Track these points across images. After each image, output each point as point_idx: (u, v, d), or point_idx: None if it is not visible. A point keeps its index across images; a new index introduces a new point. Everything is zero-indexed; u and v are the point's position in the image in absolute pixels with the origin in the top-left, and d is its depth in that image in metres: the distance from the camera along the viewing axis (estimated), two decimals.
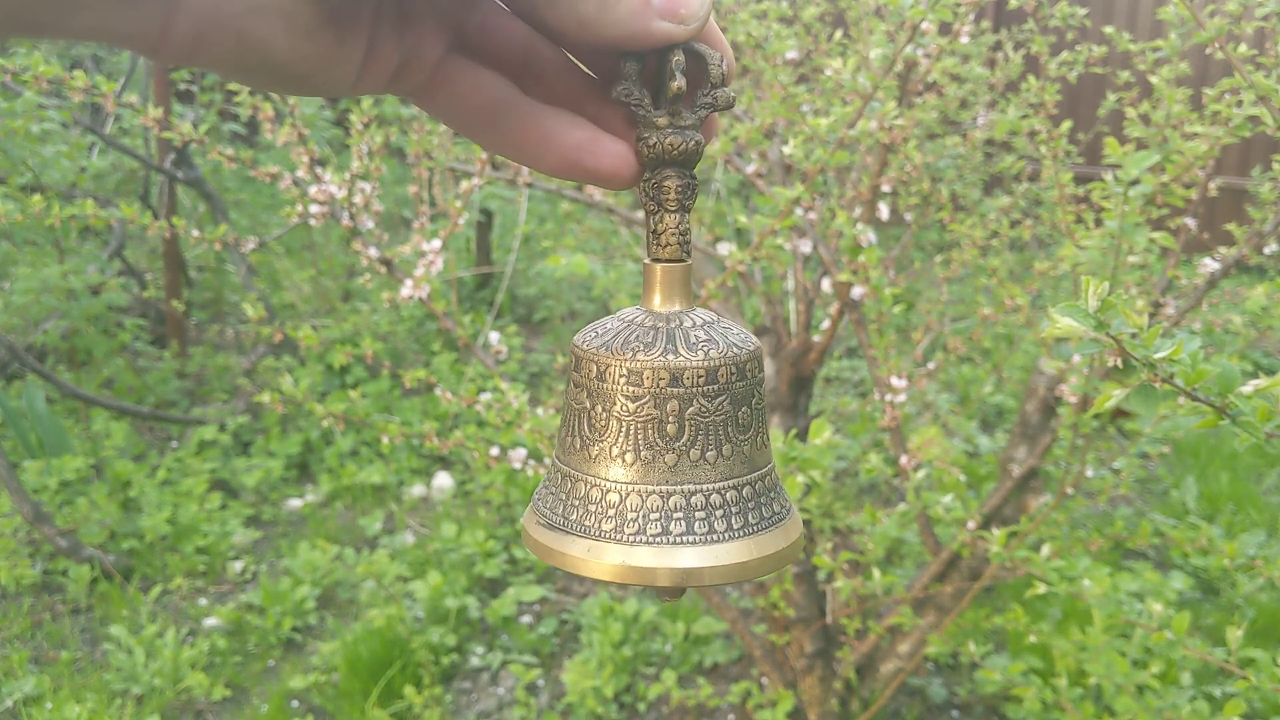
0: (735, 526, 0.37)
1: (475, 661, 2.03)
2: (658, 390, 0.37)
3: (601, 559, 0.36)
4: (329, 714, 1.88)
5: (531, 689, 1.96)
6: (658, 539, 0.36)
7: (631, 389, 0.37)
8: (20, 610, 2.15)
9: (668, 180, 0.38)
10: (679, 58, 0.35)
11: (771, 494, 0.40)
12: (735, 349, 0.38)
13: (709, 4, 0.34)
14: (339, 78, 0.33)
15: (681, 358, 0.37)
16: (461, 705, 1.92)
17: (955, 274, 2.10)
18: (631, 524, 0.37)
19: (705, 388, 0.37)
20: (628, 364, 0.37)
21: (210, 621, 2.14)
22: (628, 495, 0.37)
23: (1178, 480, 2.74)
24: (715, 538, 0.37)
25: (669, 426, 0.37)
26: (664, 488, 0.37)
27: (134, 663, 1.95)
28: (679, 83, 0.35)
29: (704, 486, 0.37)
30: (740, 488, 0.38)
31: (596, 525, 0.37)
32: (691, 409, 0.37)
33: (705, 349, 0.37)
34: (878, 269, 1.27)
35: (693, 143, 0.37)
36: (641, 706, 1.88)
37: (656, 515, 0.37)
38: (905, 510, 1.32)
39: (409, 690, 1.84)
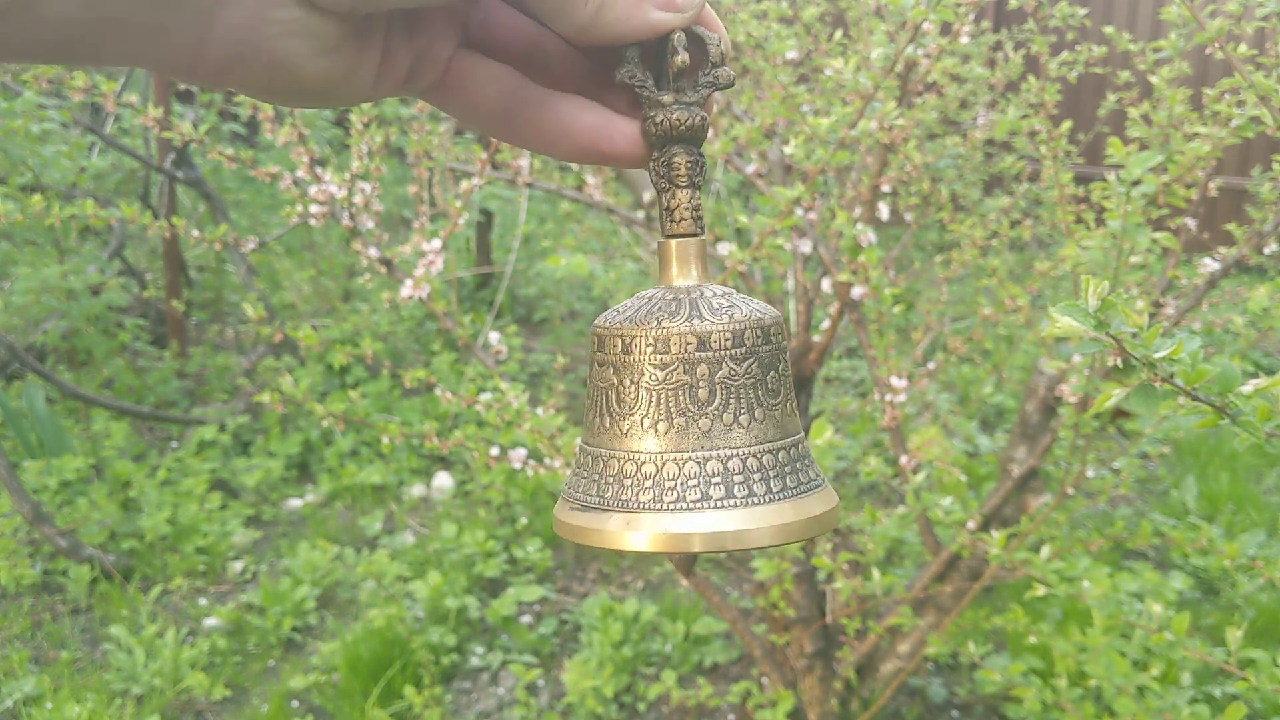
0: (774, 490, 0.37)
1: (475, 661, 2.03)
2: (686, 355, 0.37)
3: (642, 530, 0.36)
4: (329, 714, 1.88)
5: (531, 689, 1.96)
6: (698, 504, 0.36)
7: (660, 357, 0.37)
8: (20, 610, 2.15)
9: (677, 157, 0.38)
10: (679, 35, 0.36)
11: (805, 461, 0.40)
12: (758, 313, 0.38)
13: None
14: (357, 88, 0.33)
15: (707, 322, 0.37)
16: (461, 705, 1.92)
17: (955, 274, 2.10)
18: (671, 492, 0.36)
19: (733, 350, 0.37)
20: (654, 333, 0.37)
21: (210, 621, 2.14)
22: (664, 465, 0.37)
23: (1178, 480, 2.74)
24: (755, 500, 0.37)
25: (700, 391, 0.37)
26: (700, 454, 0.37)
27: (134, 663, 1.95)
28: (682, 58, 0.36)
29: (739, 450, 0.37)
30: (775, 452, 0.38)
31: (634, 498, 0.37)
32: (721, 372, 0.37)
33: (729, 313, 0.38)
34: (878, 269, 1.27)
35: (698, 118, 0.38)
36: (641, 706, 1.88)
37: (695, 482, 0.36)
38: (905, 511, 1.32)
39: (409, 690, 1.84)
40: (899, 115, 1.20)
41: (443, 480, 2.71)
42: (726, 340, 0.37)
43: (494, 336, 1.41)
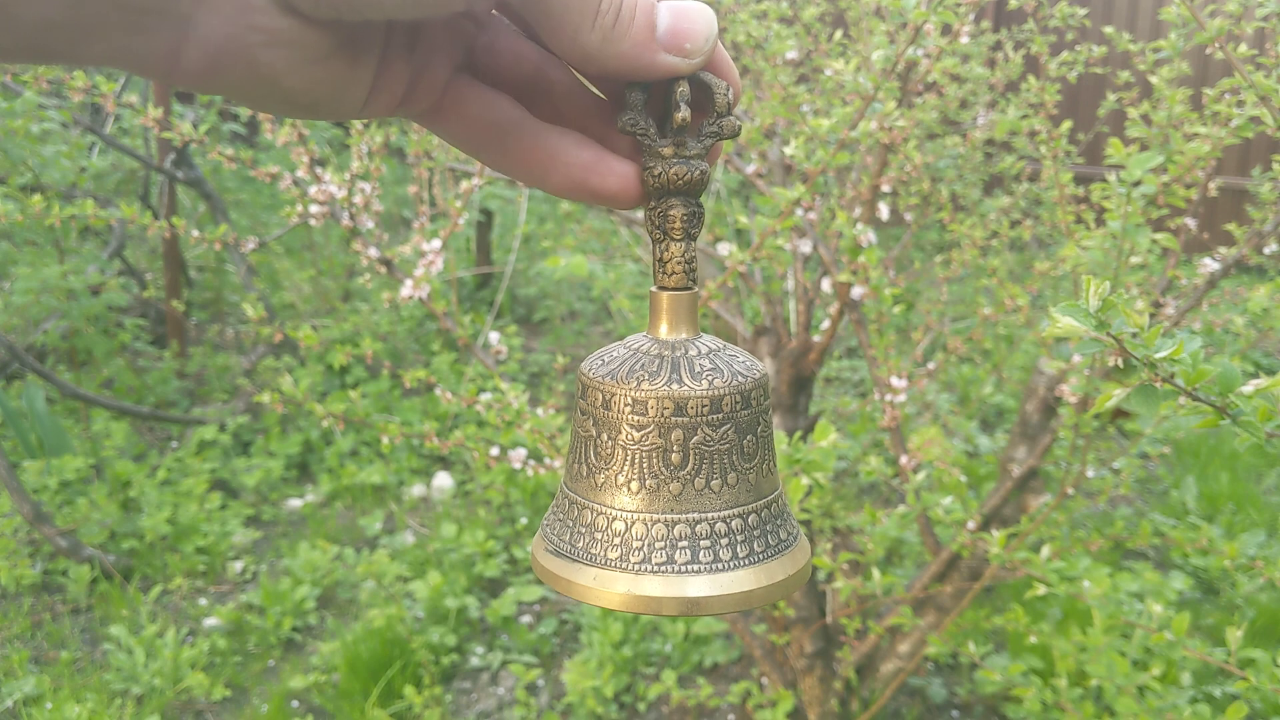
0: (741, 555, 0.37)
1: (475, 661, 2.03)
2: (662, 419, 0.37)
3: (608, 588, 0.36)
4: (329, 714, 1.88)
5: (531, 689, 1.96)
6: (663, 568, 0.36)
7: (636, 418, 0.37)
8: (20, 610, 2.15)
9: (673, 209, 0.38)
10: (683, 89, 0.35)
11: (778, 521, 0.40)
12: (740, 378, 0.38)
13: (714, 36, 0.34)
14: (348, 103, 0.33)
15: (686, 387, 0.37)
16: (461, 705, 1.92)
17: (955, 274, 2.10)
18: (637, 553, 0.37)
19: (710, 417, 0.37)
20: (633, 393, 0.37)
21: (210, 621, 2.14)
22: (633, 524, 0.37)
23: (1178, 480, 2.74)
24: (720, 566, 0.37)
25: (673, 455, 0.37)
26: (669, 516, 0.37)
27: (134, 663, 1.95)
28: (683, 114, 0.35)
29: (709, 515, 0.37)
30: (746, 516, 0.38)
31: (603, 553, 0.37)
32: (696, 438, 0.37)
33: (710, 378, 0.37)
34: (878, 269, 1.27)
35: (698, 172, 0.37)
36: (641, 706, 1.88)
37: (662, 544, 0.37)
38: (905, 511, 1.32)
39: (409, 690, 1.84)
40: (899, 116, 1.20)
41: (443, 480, 2.71)
42: (704, 407, 0.37)
43: (494, 336, 1.41)
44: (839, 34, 1.72)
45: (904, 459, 1.39)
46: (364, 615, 2.10)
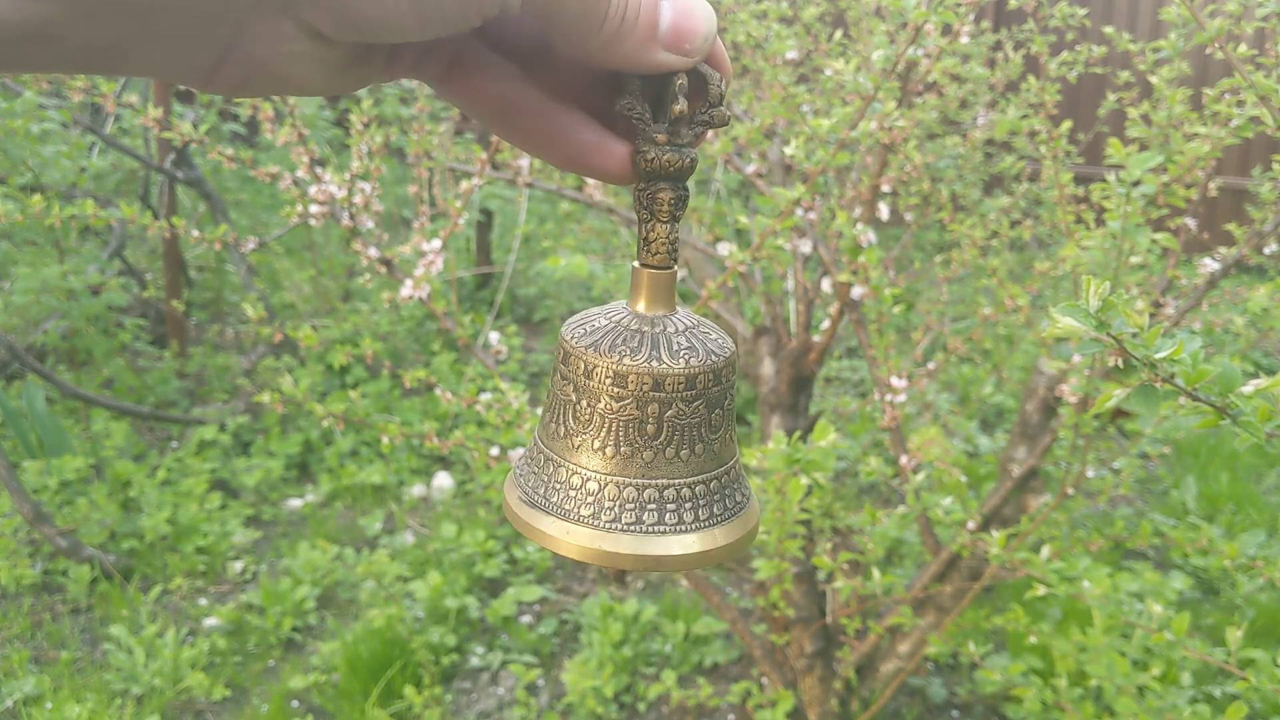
0: (702, 518, 0.40)
1: (475, 661, 2.03)
2: (641, 393, 0.39)
3: (578, 542, 0.39)
4: (329, 714, 1.88)
5: (531, 689, 1.96)
6: (631, 527, 0.39)
7: (616, 390, 0.40)
8: (20, 610, 2.15)
9: (661, 192, 0.40)
10: (682, 82, 0.37)
11: (734, 486, 0.43)
12: (713, 357, 0.41)
13: (714, 34, 0.36)
14: (363, 84, 0.36)
15: (664, 365, 0.39)
16: (461, 705, 1.92)
17: (955, 274, 2.10)
18: (608, 512, 0.39)
19: (684, 393, 0.40)
20: (614, 366, 0.40)
21: (210, 621, 2.14)
22: (606, 485, 0.40)
23: (1178, 480, 2.74)
24: (683, 528, 0.40)
25: (649, 426, 0.40)
26: (639, 481, 0.40)
27: (134, 663, 1.95)
28: (681, 106, 0.37)
29: (675, 481, 0.40)
30: (708, 482, 0.41)
31: (575, 510, 0.40)
32: (670, 412, 0.40)
33: (686, 357, 0.40)
34: (878, 269, 1.27)
35: (688, 160, 0.39)
36: (641, 706, 1.88)
37: (631, 505, 0.40)
38: (905, 511, 1.32)
39: (409, 690, 1.84)
40: (899, 116, 1.20)
41: (443, 480, 2.71)
42: (679, 384, 0.40)
43: (494, 336, 1.41)
44: (839, 34, 1.72)
45: (904, 459, 1.39)
46: (364, 615, 2.10)
